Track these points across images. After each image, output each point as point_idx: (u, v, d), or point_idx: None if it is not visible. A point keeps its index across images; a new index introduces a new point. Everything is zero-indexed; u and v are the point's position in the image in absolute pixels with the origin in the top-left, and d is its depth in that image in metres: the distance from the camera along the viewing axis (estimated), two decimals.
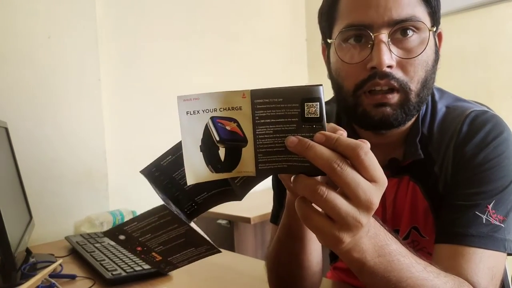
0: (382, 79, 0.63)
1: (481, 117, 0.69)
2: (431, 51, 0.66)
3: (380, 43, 0.62)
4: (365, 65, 0.64)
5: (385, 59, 0.62)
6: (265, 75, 2.18)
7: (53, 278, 0.90)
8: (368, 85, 0.65)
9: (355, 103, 0.67)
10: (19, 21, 1.32)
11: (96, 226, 1.40)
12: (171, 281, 0.96)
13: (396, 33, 0.64)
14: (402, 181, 0.74)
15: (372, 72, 0.64)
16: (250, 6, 2.17)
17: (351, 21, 0.65)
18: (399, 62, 0.64)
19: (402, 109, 0.65)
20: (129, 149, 1.67)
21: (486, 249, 0.62)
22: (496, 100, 1.75)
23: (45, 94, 1.37)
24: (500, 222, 0.63)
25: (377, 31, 0.63)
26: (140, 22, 1.70)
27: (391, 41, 0.63)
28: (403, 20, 0.63)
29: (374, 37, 0.63)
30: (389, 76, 0.63)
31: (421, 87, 0.66)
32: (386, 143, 0.73)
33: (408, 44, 0.64)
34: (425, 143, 0.71)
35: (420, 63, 0.65)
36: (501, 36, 1.75)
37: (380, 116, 0.65)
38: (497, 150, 0.66)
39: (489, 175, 0.65)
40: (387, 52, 0.62)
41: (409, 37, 0.64)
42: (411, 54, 0.64)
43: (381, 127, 0.68)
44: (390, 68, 0.63)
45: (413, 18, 0.63)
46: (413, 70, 0.64)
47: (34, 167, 1.34)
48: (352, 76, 0.66)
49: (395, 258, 0.50)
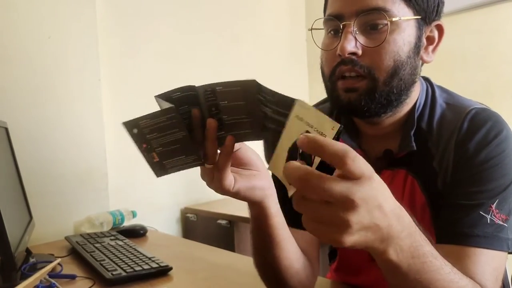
0: (346, 65, 0.67)
1: (481, 114, 0.69)
2: (404, 41, 0.67)
3: (346, 32, 0.66)
4: (335, 52, 0.68)
5: (346, 46, 0.65)
6: (265, 75, 2.16)
7: (53, 278, 0.90)
8: (337, 70, 0.68)
9: (332, 88, 0.71)
10: (20, 21, 1.32)
11: (96, 226, 1.40)
12: (171, 281, 0.96)
13: (366, 24, 0.66)
14: (398, 174, 0.74)
15: (340, 59, 0.67)
16: (250, 6, 2.17)
17: (329, 12, 0.69)
18: (366, 51, 0.66)
19: (369, 96, 0.67)
20: (129, 149, 1.66)
21: (492, 249, 0.62)
22: (496, 100, 1.75)
23: (45, 94, 1.37)
24: (503, 222, 0.63)
25: (346, 20, 0.66)
26: (140, 22, 1.70)
27: (359, 31, 0.66)
28: (368, 10, 0.65)
29: (341, 26, 0.67)
30: (352, 63, 0.66)
31: (390, 77, 0.67)
32: (382, 135, 0.75)
33: (373, 34, 0.66)
34: (425, 138, 0.72)
35: (388, 53, 0.66)
36: (501, 36, 1.75)
37: (347, 100, 0.68)
38: (499, 148, 0.66)
39: (491, 173, 0.65)
40: (350, 40, 0.65)
41: (375, 27, 0.66)
42: (374, 43, 0.66)
43: (350, 112, 0.71)
44: (354, 55, 0.66)
45: (380, 9, 0.65)
46: (379, 58, 0.66)
47: (34, 167, 1.34)
48: (328, 62, 0.71)
49: (427, 260, 0.49)
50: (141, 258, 1.02)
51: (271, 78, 2.21)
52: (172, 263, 1.00)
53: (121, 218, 1.48)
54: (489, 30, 1.78)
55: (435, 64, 0.76)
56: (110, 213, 1.46)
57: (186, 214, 1.83)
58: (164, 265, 0.98)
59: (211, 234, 1.71)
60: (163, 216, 1.78)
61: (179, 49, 1.83)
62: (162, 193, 1.79)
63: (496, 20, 1.76)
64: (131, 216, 1.53)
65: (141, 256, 1.04)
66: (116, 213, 1.48)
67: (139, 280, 0.94)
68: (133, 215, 1.54)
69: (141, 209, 1.62)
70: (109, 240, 1.22)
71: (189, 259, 1.13)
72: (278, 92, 0.48)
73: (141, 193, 1.70)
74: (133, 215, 1.54)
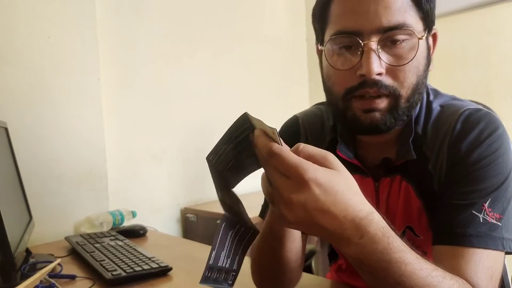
0: (371, 88, 0.64)
1: (474, 114, 0.69)
2: (422, 56, 0.66)
3: (369, 51, 0.62)
4: (355, 72, 0.65)
5: (374, 67, 0.62)
6: (265, 75, 2.18)
7: (53, 278, 0.90)
8: (358, 92, 0.65)
9: (345, 107, 0.68)
10: (19, 21, 1.32)
11: (96, 226, 1.40)
12: (171, 281, 0.96)
13: (386, 40, 0.64)
14: (394, 181, 0.74)
15: (362, 80, 0.64)
16: (250, 6, 2.17)
17: (341, 27, 0.65)
18: (389, 69, 0.64)
19: (391, 114, 0.66)
20: (129, 149, 1.67)
21: (485, 248, 0.62)
22: (496, 100, 1.75)
23: (45, 94, 1.37)
24: (497, 221, 0.63)
25: (366, 38, 0.63)
26: (140, 22, 1.70)
27: (381, 47, 0.63)
28: (392, 27, 0.63)
29: (363, 44, 0.63)
30: (378, 84, 0.64)
31: (412, 93, 0.66)
32: (380, 142, 0.74)
33: (398, 51, 0.64)
34: (419, 142, 0.71)
35: (411, 69, 0.65)
36: (501, 36, 1.75)
37: (369, 121, 0.66)
38: (492, 148, 0.66)
39: (484, 173, 0.65)
40: (376, 60, 0.62)
41: (399, 44, 0.64)
42: (401, 61, 0.64)
43: (371, 132, 0.68)
44: (379, 75, 0.64)
45: (403, 25, 0.63)
46: (403, 76, 0.65)
47: (34, 167, 1.34)
48: (342, 82, 0.67)
49: (396, 265, 0.49)
50: (141, 258, 1.02)
51: (271, 78, 2.22)
52: (172, 263, 1.00)
53: (121, 218, 1.48)
54: (489, 30, 1.78)
55: (435, 64, 0.76)
56: (110, 213, 1.46)
57: (186, 214, 1.83)
58: (164, 265, 0.98)
59: (211, 234, 1.70)
60: (163, 216, 1.78)
61: (179, 49, 1.83)
62: (162, 193, 1.79)
63: (496, 20, 1.76)
64: (131, 216, 1.53)
65: (141, 256, 1.04)
66: (116, 213, 1.48)
67: (139, 280, 0.94)
68: (133, 215, 1.54)
69: (141, 209, 1.62)
70: (109, 240, 1.22)
71: (189, 259, 1.13)
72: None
73: (141, 193, 1.70)
74: (133, 215, 1.54)
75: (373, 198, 0.76)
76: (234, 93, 2.05)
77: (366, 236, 0.47)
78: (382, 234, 0.48)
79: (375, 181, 0.75)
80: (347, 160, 0.74)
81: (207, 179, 2.04)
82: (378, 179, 0.75)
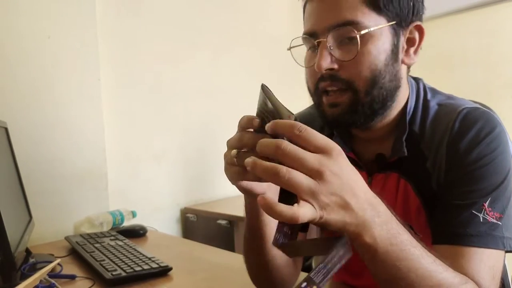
0: (325, 81, 0.68)
1: (473, 113, 0.69)
2: (380, 50, 0.67)
3: (321, 48, 0.67)
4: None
5: (321, 63, 0.66)
6: (265, 76, 2.17)
7: (53, 278, 0.90)
8: (320, 86, 0.69)
9: (318, 102, 0.72)
10: (19, 21, 1.32)
11: (96, 226, 1.40)
12: (171, 281, 0.96)
13: (338, 37, 0.67)
14: (390, 178, 0.74)
15: (319, 75, 0.68)
16: (250, 6, 2.17)
17: (305, 30, 0.71)
18: (342, 65, 0.67)
19: (351, 109, 0.68)
20: (129, 149, 1.67)
21: (486, 248, 0.62)
22: (496, 100, 1.75)
23: (45, 94, 1.37)
24: (497, 220, 0.63)
25: (320, 37, 0.67)
26: (140, 22, 1.70)
27: (334, 45, 0.67)
28: (340, 24, 0.65)
29: (316, 43, 0.68)
30: (331, 78, 0.67)
31: (370, 87, 0.67)
32: (375, 138, 0.75)
33: (349, 47, 0.66)
34: (417, 140, 0.72)
35: (363, 63, 0.66)
36: (501, 36, 1.75)
37: (331, 115, 0.69)
38: (490, 147, 0.66)
39: (484, 172, 0.65)
40: (326, 57, 0.66)
41: (349, 40, 0.66)
42: (348, 57, 0.66)
43: (335, 126, 0.73)
44: (331, 70, 0.67)
45: (350, 22, 0.65)
46: (356, 71, 0.66)
47: (34, 167, 1.34)
48: (311, 78, 0.72)
49: (406, 248, 0.51)
50: (141, 258, 1.02)
51: (271, 79, 2.21)
52: (172, 263, 1.00)
53: (121, 218, 1.48)
54: (489, 30, 1.78)
55: (435, 64, 0.76)
56: (110, 213, 1.46)
57: (186, 214, 1.83)
58: (164, 265, 0.98)
59: (211, 234, 1.71)
60: (163, 216, 1.78)
61: (179, 49, 1.83)
62: (162, 193, 1.79)
63: (496, 20, 1.76)
64: (131, 216, 1.53)
65: (141, 256, 1.04)
66: (116, 213, 1.48)
67: (139, 280, 0.94)
68: (133, 215, 1.54)
69: (141, 209, 1.63)
70: (109, 240, 1.22)
71: (189, 259, 1.13)
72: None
73: (141, 193, 1.70)
74: (133, 215, 1.54)
75: None
76: (234, 93, 2.05)
77: (381, 216, 0.49)
78: (390, 214, 0.50)
79: (368, 176, 0.76)
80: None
81: (207, 179, 2.05)
82: (372, 175, 0.76)
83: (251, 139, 0.52)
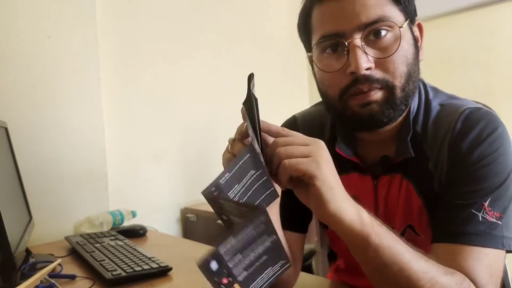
0: (363, 84, 0.65)
1: (475, 114, 0.69)
2: (408, 45, 0.68)
3: (355, 48, 0.64)
4: (345, 71, 0.66)
5: (362, 62, 0.64)
6: (265, 76, 2.17)
7: (53, 278, 0.90)
8: (352, 90, 0.67)
9: (343, 107, 0.69)
10: (19, 21, 1.32)
11: (96, 226, 1.40)
12: (171, 281, 0.96)
13: (369, 35, 0.65)
14: (394, 179, 0.74)
15: (354, 77, 0.66)
16: (250, 6, 2.17)
17: (324, 32, 0.67)
18: (377, 62, 0.66)
19: (388, 104, 0.67)
20: (129, 149, 1.67)
21: (484, 246, 0.62)
22: (496, 100, 1.75)
23: (45, 94, 1.37)
24: (497, 219, 0.63)
25: (350, 37, 0.65)
26: (139, 22, 1.70)
27: (365, 43, 0.65)
28: (372, 22, 0.64)
29: (348, 43, 0.65)
30: (369, 79, 0.65)
31: (405, 81, 0.67)
32: (379, 140, 0.74)
33: (383, 43, 0.66)
34: (419, 141, 0.72)
35: (399, 59, 0.66)
36: (501, 36, 1.75)
37: (368, 113, 0.67)
38: (492, 147, 0.66)
39: (485, 172, 0.65)
40: (363, 56, 0.64)
41: (382, 37, 0.65)
42: (387, 53, 0.65)
43: (372, 125, 0.69)
44: (369, 70, 0.65)
45: (382, 18, 0.65)
46: (393, 67, 0.66)
47: (34, 167, 1.33)
48: (335, 83, 0.68)
49: (395, 244, 0.56)
50: (141, 258, 1.02)
51: (271, 78, 2.21)
52: (172, 263, 1.00)
53: (121, 218, 1.48)
54: (488, 30, 1.78)
55: (435, 64, 0.76)
56: (110, 213, 1.46)
57: (186, 214, 1.83)
58: (164, 265, 0.98)
59: (211, 234, 1.71)
60: (163, 216, 1.78)
61: (179, 49, 1.83)
62: (162, 193, 1.79)
63: (496, 20, 1.76)
64: (131, 216, 1.53)
65: (141, 256, 1.04)
66: (116, 213, 1.48)
67: (139, 280, 0.94)
68: (133, 215, 1.54)
69: (141, 209, 1.62)
70: (109, 240, 1.22)
71: (189, 259, 1.13)
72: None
73: (141, 193, 1.70)
74: (133, 215, 1.54)
75: (371, 196, 0.76)
76: (234, 93, 2.04)
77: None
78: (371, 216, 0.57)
79: (373, 179, 0.76)
80: (346, 157, 0.74)
81: (207, 179, 2.04)
82: (377, 177, 0.75)
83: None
